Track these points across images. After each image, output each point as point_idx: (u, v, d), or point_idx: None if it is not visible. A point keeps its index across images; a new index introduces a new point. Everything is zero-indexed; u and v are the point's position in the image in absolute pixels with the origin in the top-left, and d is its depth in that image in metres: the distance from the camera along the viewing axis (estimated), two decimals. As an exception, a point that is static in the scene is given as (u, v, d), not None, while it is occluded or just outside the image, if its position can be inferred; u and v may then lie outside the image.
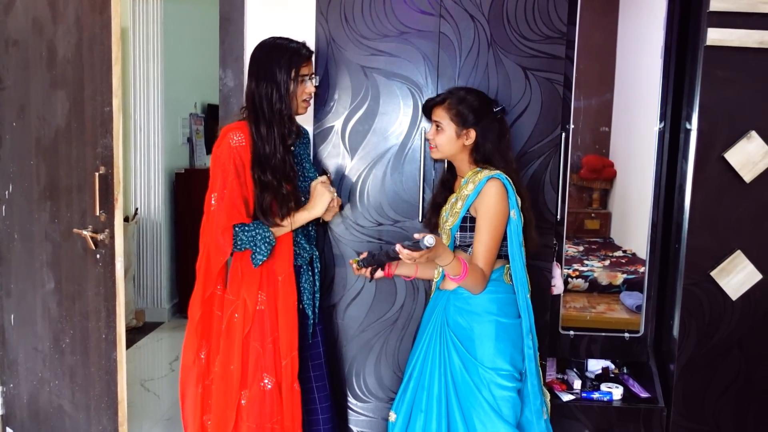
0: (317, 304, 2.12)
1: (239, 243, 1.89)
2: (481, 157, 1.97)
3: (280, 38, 1.97)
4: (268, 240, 1.90)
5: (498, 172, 1.91)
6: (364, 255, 2.02)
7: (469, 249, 1.92)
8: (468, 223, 1.93)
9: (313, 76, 2.00)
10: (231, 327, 1.96)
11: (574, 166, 2.44)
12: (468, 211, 1.92)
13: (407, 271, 2.10)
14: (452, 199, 2.01)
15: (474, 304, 1.92)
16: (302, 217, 1.98)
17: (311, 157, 2.21)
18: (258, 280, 1.95)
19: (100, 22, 2.17)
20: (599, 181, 2.60)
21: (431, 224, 2.11)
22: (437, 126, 1.98)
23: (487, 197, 1.87)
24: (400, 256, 1.70)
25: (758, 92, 2.20)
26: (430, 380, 1.93)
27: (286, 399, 1.96)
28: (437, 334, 1.96)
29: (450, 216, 1.97)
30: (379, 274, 2.06)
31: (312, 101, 2.06)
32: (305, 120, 2.27)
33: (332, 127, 2.26)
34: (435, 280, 2.05)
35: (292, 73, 1.92)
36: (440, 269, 2.00)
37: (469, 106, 1.95)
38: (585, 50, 2.36)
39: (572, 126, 2.37)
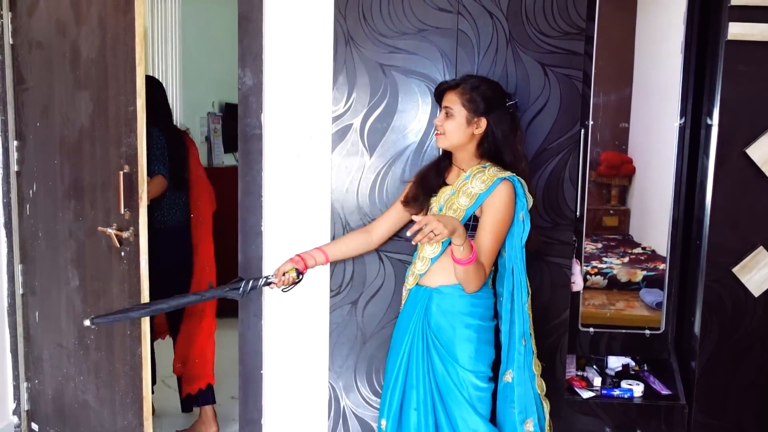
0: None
1: None
2: (489, 150, 1.92)
3: None
4: None
5: (511, 174, 1.88)
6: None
7: None
8: (471, 222, 1.88)
9: None
10: None
11: (593, 163, 2.44)
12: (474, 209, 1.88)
13: None
14: (448, 191, 1.94)
15: (459, 306, 1.89)
16: None
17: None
18: None
19: (123, 23, 2.20)
20: (618, 178, 2.59)
21: (417, 203, 2.01)
22: (447, 111, 1.91)
23: (498, 199, 1.84)
24: (415, 221, 1.64)
25: (781, 87, 2.18)
26: (417, 378, 1.92)
27: None
28: (419, 334, 1.93)
29: (449, 210, 1.90)
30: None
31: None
32: (323, 117, 2.29)
33: (351, 125, 2.27)
34: (418, 272, 1.97)
35: None
36: (428, 260, 1.95)
37: (482, 94, 1.89)
38: (604, 46, 2.35)
39: (591, 122, 2.36)
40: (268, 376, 2.43)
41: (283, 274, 2.00)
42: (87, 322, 1.97)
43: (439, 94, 1.98)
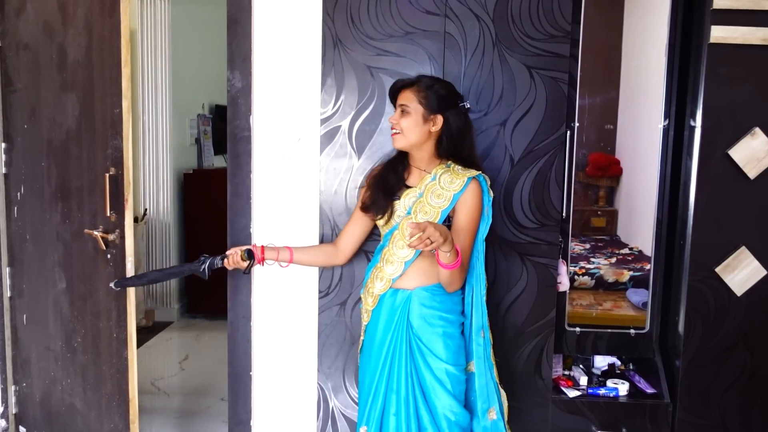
0: None
1: None
2: (447, 149, 1.92)
3: None
4: None
5: (478, 173, 1.92)
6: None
7: None
8: (447, 222, 1.90)
9: None
10: None
11: (580, 164, 2.46)
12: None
13: None
14: (414, 193, 1.94)
15: (440, 305, 1.92)
16: None
17: None
18: None
19: (109, 25, 2.20)
20: (605, 179, 2.61)
21: (379, 207, 1.97)
22: (403, 109, 1.90)
23: (471, 198, 1.88)
24: (409, 230, 1.61)
25: (762, 89, 2.21)
26: (398, 382, 1.92)
27: None
28: (402, 337, 1.93)
29: (420, 212, 1.90)
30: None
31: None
32: (311, 119, 2.30)
33: (339, 127, 2.28)
34: (390, 276, 1.95)
35: None
36: (402, 263, 1.93)
37: (437, 92, 1.90)
38: (590, 49, 2.37)
39: (577, 124, 2.38)
40: (257, 377, 2.43)
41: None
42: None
43: (393, 93, 1.98)
